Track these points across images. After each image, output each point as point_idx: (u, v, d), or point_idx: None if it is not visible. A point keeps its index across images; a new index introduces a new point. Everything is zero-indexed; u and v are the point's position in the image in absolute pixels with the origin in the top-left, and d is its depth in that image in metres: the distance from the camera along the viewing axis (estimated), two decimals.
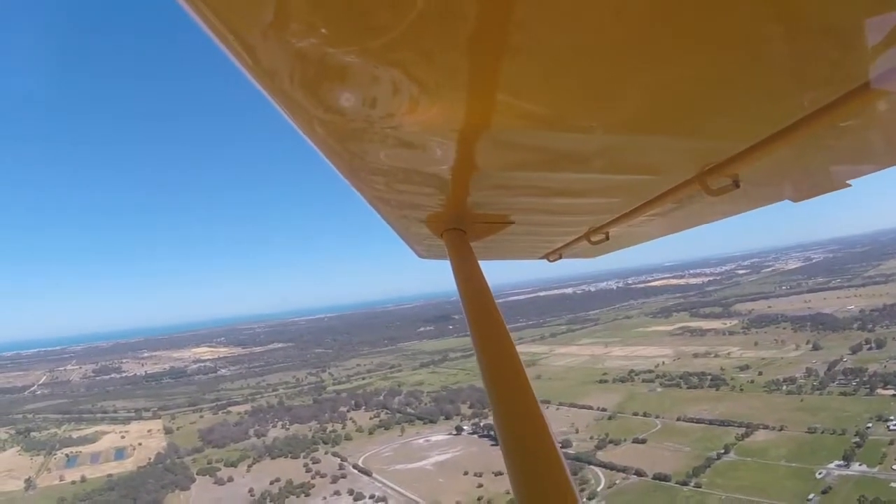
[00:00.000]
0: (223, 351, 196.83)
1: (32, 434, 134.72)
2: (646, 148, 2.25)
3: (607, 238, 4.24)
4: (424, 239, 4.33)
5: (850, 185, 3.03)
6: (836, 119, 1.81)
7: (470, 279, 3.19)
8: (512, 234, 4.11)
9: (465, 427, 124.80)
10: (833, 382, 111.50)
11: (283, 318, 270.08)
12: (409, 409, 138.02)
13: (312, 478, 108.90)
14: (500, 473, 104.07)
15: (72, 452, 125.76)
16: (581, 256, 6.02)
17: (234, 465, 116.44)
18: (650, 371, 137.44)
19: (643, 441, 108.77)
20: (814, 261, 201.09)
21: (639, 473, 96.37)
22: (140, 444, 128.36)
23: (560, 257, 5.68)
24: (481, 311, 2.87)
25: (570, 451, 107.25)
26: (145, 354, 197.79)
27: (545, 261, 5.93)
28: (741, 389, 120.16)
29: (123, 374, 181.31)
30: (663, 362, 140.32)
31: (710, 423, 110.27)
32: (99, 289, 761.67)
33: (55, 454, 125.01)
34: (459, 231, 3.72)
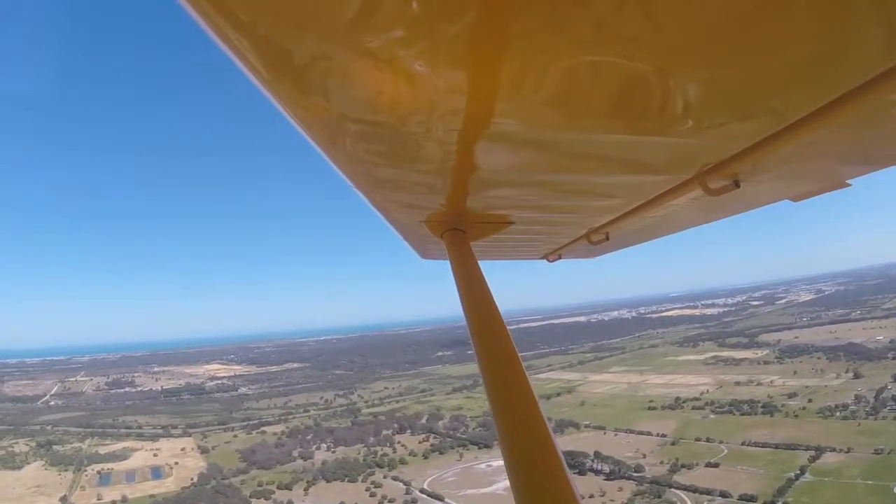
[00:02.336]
0: (237, 369, 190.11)
1: (55, 447, 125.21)
2: (646, 148, 2.27)
3: (607, 238, 4.33)
4: (425, 239, 4.38)
5: (850, 185, 3.10)
6: (836, 119, 1.81)
7: (470, 280, 3.26)
8: (512, 234, 4.15)
9: None
10: (885, 408, 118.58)
11: (291, 337, 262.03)
12: (457, 434, 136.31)
13: (380, 502, 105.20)
14: (581, 497, 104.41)
15: (103, 469, 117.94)
16: (581, 257, 6.13)
17: (288, 487, 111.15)
18: (696, 399, 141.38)
19: (716, 465, 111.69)
20: (826, 293, 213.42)
21: (724, 495, 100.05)
22: (176, 462, 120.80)
23: (560, 257, 5.73)
24: (481, 312, 2.94)
25: (646, 475, 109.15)
26: (156, 369, 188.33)
27: (545, 261, 5.96)
28: (795, 416, 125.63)
29: (139, 389, 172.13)
30: (707, 390, 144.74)
31: (776, 447, 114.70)
32: (103, 299, 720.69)
33: (85, 470, 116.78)
34: (459, 231, 3.76)
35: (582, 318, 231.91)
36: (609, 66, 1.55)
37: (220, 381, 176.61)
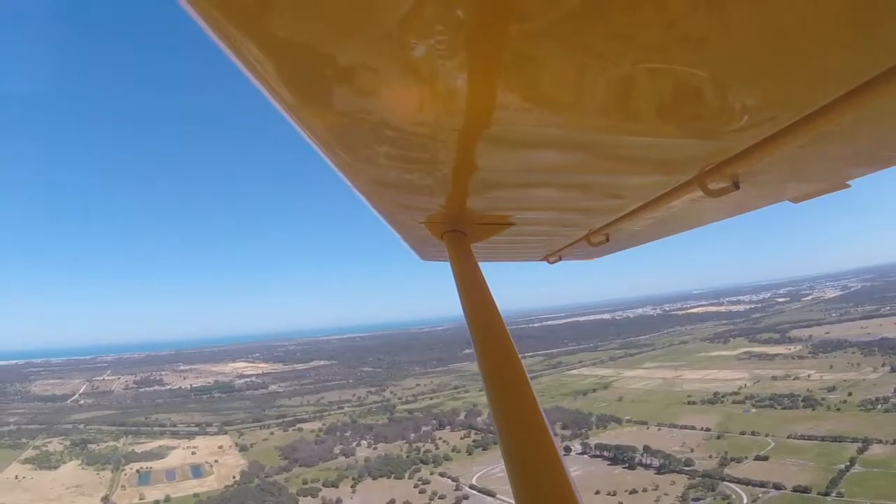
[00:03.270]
0: (264, 367, 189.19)
1: (90, 447, 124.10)
2: (645, 149, 2.29)
3: (607, 240, 4.37)
4: (425, 241, 4.40)
5: (849, 186, 3.14)
6: (836, 119, 1.82)
7: (470, 281, 3.29)
8: (512, 235, 4.18)
9: (573, 447, 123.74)
10: None
11: (312, 335, 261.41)
12: None
13: (430, 499, 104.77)
14: (635, 492, 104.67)
15: (142, 468, 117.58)
16: (581, 258, 6.16)
17: (334, 485, 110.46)
18: (735, 393, 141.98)
19: (765, 458, 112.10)
20: (852, 289, 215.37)
21: (777, 487, 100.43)
22: (216, 460, 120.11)
23: (560, 259, 5.78)
24: (482, 313, 2.98)
25: (697, 468, 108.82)
26: (182, 367, 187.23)
27: (545, 262, 5.97)
28: (837, 409, 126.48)
29: (167, 387, 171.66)
30: (745, 385, 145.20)
31: (822, 439, 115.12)
32: (125, 299, 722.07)
33: (123, 469, 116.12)
34: (460, 233, 3.80)
35: (606, 316, 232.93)
36: (608, 67, 1.56)
37: (248, 379, 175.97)
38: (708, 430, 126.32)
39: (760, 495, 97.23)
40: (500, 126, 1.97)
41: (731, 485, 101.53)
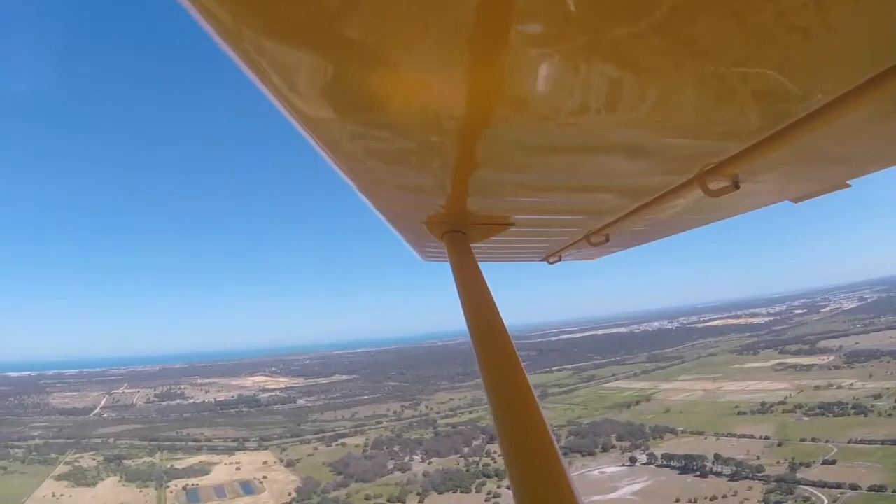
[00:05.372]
0: (284, 381, 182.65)
1: (125, 462, 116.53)
2: (645, 149, 2.36)
3: (607, 240, 4.50)
4: (426, 241, 4.53)
5: (850, 186, 3.22)
6: (836, 119, 1.86)
7: (470, 281, 3.39)
8: (512, 235, 4.31)
9: (638, 458, 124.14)
10: None
11: (325, 350, 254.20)
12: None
13: None
14: (715, 498, 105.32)
15: (188, 485, 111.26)
16: (581, 259, 6.32)
17: (400, 500, 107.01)
18: (783, 403, 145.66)
19: (832, 462, 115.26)
20: (869, 300, 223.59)
21: (853, 487, 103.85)
22: (265, 476, 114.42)
23: (560, 259, 5.94)
24: (482, 313, 3.07)
25: (770, 474, 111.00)
26: (200, 381, 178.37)
27: (545, 263, 6.13)
28: (889, 415, 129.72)
29: (190, 401, 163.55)
30: (790, 395, 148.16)
31: (883, 443, 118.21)
32: (135, 311, 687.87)
33: (167, 486, 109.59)
34: (460, 233, 3.90)
35: (623, 329, 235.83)
36: (608, 67, 1.58)
37: (272, 394, 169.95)
38: (767, 437, 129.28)
39: (839, 496, 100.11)
40: (500, 126, 2.01)
41: (808, 488, 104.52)
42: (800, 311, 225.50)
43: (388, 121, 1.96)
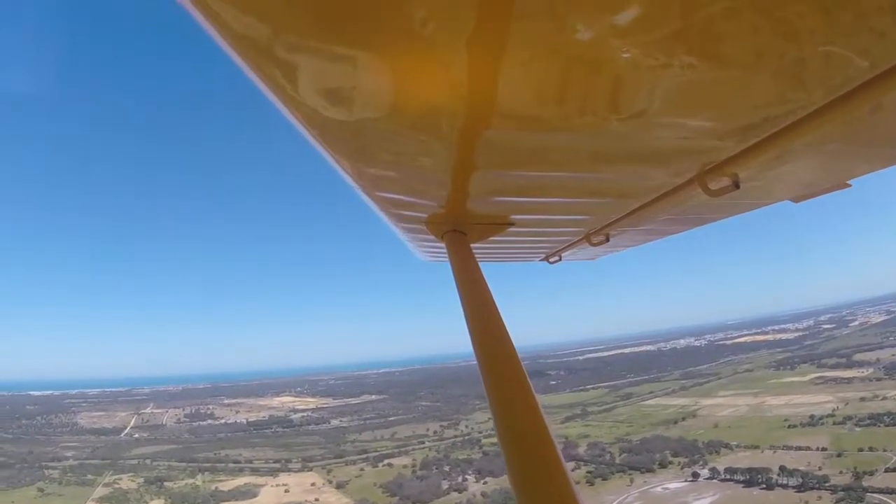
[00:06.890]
0: (313, 401, 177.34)
1: (167, 484, 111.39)
2: (645, 148, 2.40)
3: (607, 239, 4.57)
4: (426, 241, 4.60)
5: (850, 185, 3.29)
6: (836, 119, 1.88)
7: (471, 281, 3.43)
8: (512, 235, 4.38)
9: (701, 472, 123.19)
10: None
11: (347, 370, 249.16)
12: (604, 460, 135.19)
13: None
14: None
15: None
16: (582, 258, 6.38)
17: None
18: (831, 415, 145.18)
19: (895, 469, 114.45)
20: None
21: None
22: (316, 499, 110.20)
23: (560, 259, 6.01)
24: (482, 314, 3.10)
25: (836, 483, 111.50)
26: (226, 401, 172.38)
27: (545, 262, 6.21)
28: None
29: (221, 421, 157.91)
30: (837, 407, 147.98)
31: None
32: (158, 330, 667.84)
33: None
34: (460, 233, 3.95)
35: (651, 347, 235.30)
36: (608, 66, 1.61)
37: (304, 414, 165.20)
38: (825, 449, 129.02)
39: None
40: (500, 126, 2.03)
41: (877, 495, 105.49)
42: (828, 326, 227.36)
43: (390, 121, 1.97)
